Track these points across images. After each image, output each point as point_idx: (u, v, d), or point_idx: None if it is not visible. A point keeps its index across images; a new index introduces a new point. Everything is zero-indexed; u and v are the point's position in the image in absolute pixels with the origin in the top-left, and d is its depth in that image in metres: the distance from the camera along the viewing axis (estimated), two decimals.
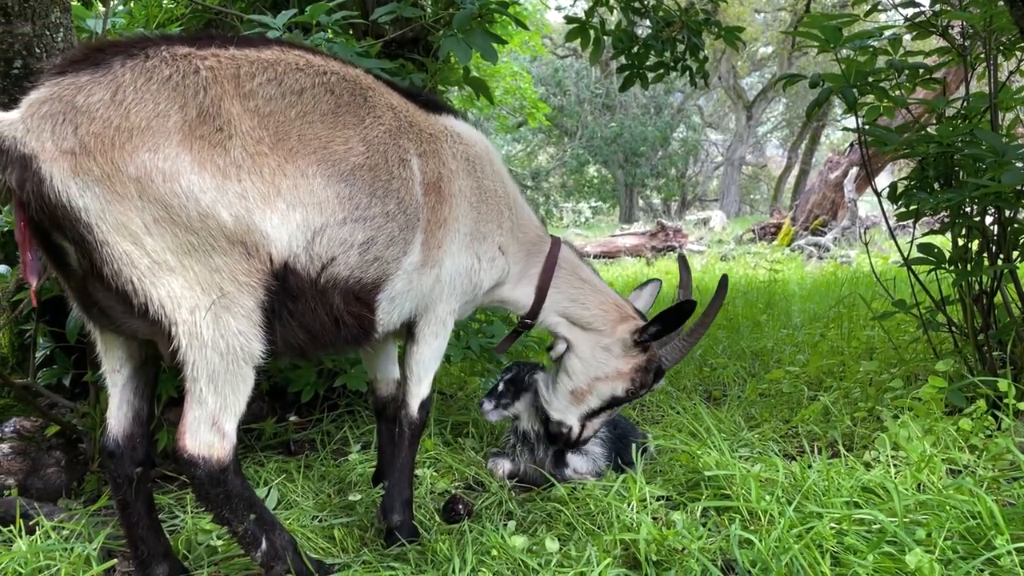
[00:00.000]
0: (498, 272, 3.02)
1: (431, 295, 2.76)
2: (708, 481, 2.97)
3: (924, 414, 3.43)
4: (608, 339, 3.19)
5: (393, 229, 2.46)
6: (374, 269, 2.44)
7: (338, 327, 2.44)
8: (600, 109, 34.89)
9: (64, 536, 2.81)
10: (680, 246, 17.04)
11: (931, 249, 3.81)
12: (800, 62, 29.35)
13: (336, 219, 2.30)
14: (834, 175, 16.84)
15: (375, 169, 2.42)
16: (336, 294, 2.37)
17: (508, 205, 3.02)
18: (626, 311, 3.27)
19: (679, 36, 5.62)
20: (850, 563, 2.25)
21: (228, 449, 2.22)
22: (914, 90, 3.99)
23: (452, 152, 2.78)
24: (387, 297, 2.56)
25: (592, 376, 3.20)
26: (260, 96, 2.20)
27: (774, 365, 5.12)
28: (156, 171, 1.98)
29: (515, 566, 2.51)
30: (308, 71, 2.35)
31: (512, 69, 14.22)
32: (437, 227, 2.67)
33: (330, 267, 2.32)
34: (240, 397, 2.23)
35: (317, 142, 2.29)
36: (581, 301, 3.20)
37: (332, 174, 2.30)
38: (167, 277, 2.05)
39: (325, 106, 2.35)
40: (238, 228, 2.09)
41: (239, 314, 2.15)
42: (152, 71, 2.05)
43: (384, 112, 2.54)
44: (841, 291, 7.95)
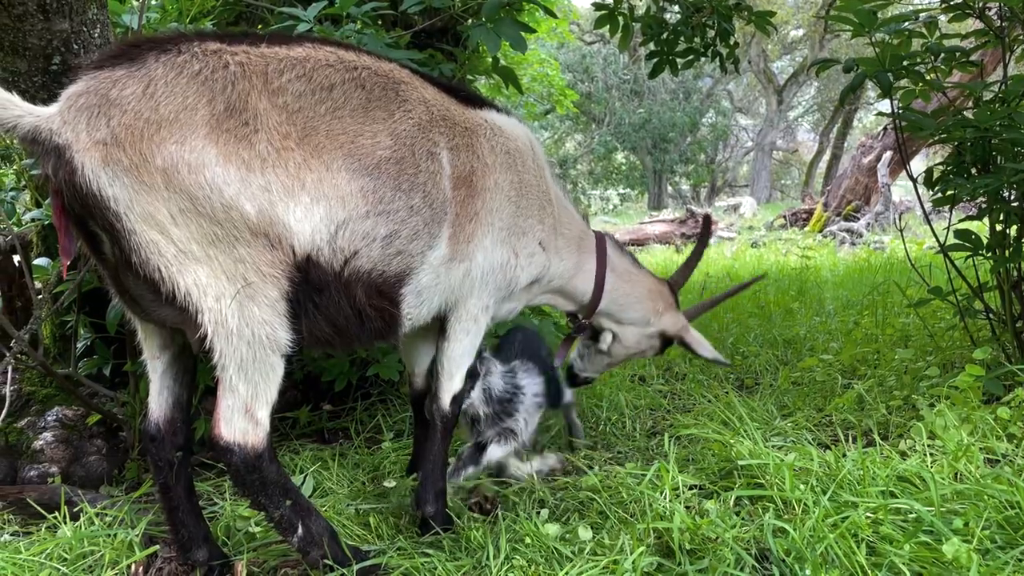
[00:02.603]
0: (537, 268, 3.03)
1: (461, 289, 2.75)
2: (741, 470, 2.97)
3: (961, 402, 3.39)
4: (653, 328, 3.53)
5: (417, 223, 2.47)
6: (397, 262, 2.45)
7: (362, 320, 2.45)
8: (628, 95, 34.63)
9: (107, 523, 2.88)
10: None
11: (968, 235, 3.75)
12: (832, 45, 28.89)
13: (359, 213, 2.32)
14: (867, 159, 16.58)
15: (401, 162, 2.43)
16: (359, 287, 2.39)
17: (550, 200, 3.04)
18: (667, 297, 3.52)
19: (709, 21, 5.55)
20: (886, 552, 2.23)
21: (262, 436, 2.27)
22: (950, 73, 3.92)
23: (490, 146, 2.77)
24: (412, 291, 2.56)
25: (630, 352, 3.61)
26: (289, 92, 2.23)
27: (807, 353, 5.08)
28: (182, 163, 2.03)
29: (548, 554, 2.53)
30: (338, 67, 2.37)
31: (540, 56, 14.18)
32: (467, 221, 2.66)
33: (353, 260, 2.34)
34: (271, 385, 2.27)
35: (344, 137, 2.31)
36: (630, 298, 3.41)
37: (357, 168, 2.32)
38: (193, 266, 2.10)
39: (355, 101, 2.37)
40: (261, 220, 2.13)
41: (263, 303, 2.18)
42: (183, 66, 2.10)
43: (416, 106, 2.55)
44: (875, 278, 7.86)
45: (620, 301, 3.40)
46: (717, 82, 35.35)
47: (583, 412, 4.17)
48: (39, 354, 3.34)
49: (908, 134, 3.95)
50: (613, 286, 3.34)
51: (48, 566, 2.57)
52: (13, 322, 3.59)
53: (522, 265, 2.92)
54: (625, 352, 3.58)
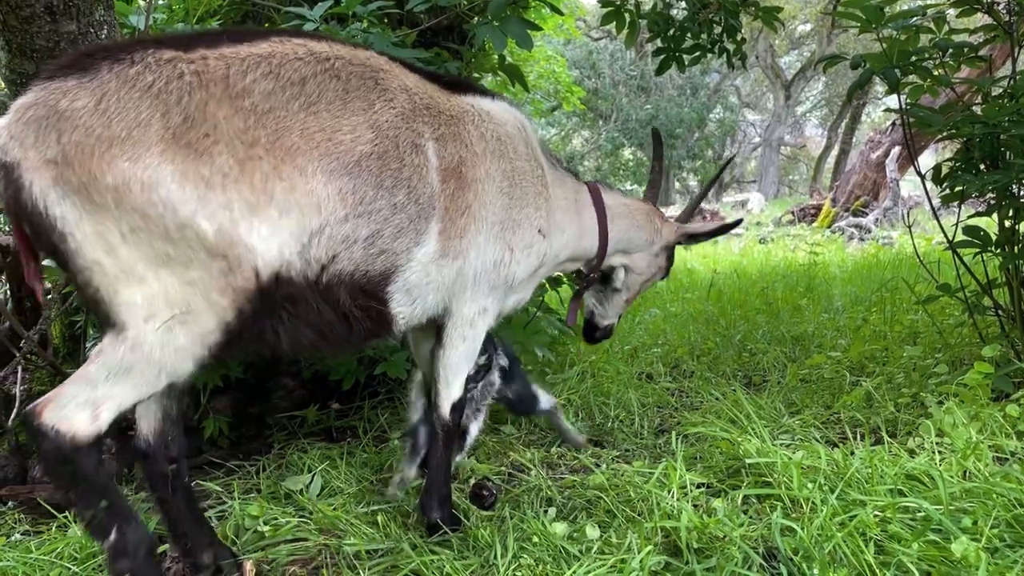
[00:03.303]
0: (537, 258, 2.91)
1: (454, 289, 2.66)
2: (749, 468, 2.96)
3: (970, 400, 3.38)
4: (657, 246, 3.48)
5: (402, 220, 2.36)
6: (381, 261, 2.35)
7: (348, 323, 2.36)
8: (635, 91, 34.52)
9: None
10: None
11: (977, 232, 3.74)
12: (839, 40, 28.76)
13: (337, 217, 2.21)
14: (876, 155, 16.52)
15: (384, 157, 2.32)
16: (342, 290, 2.29)
17: (545, 182, 2.92)
18: (657, 214, 3.50)
19: (716, 18, 5.54)
20: (894, 551, 2.23)
21: (92, 433, 2.05)
22: (959, 68, 3.90)
23: (479, 133, 2.65)
24: (400, 289, 2.46)
25: (644, 280, 3.59)
26: (256, 93, 2.11)
27: (815, 350, 5.06)
28: (134, 181, 1.93)
29: (556, 552, 2.54)
30: (308, 60, 2.24)
31: (546, 53, 14.16)
32: (458, 215, 2.55)
33: (332, 265, 2.24)
34: (134, 398, 2.09)
35: (321, 134, 2.20)
36: (633, 228, 3.36)
37: (335, 168, 2.20)
38: (133, 286, 1.99)
39: (331, 93, 2.25)
40: (220, 240, 2.02)
41: (192, 333, 2.06)
42: (135, 78, 1.99)
43: (397, 95, 2.42)
44: (884, 274, 7.83)
45: (625, 236, 3.34)
46: (724, 78, 35.23)
47: (590, 411, 4.18)
48: (49, 354, 3.36)
49: (916, 130, 3.94)
50: (616, 228, 3.27)
51: (59, 565, 2.59)
52: (23, 322, 3.62)
53: (518, 260, 2.79)
54: (639, 280, 3.55)
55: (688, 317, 6.54)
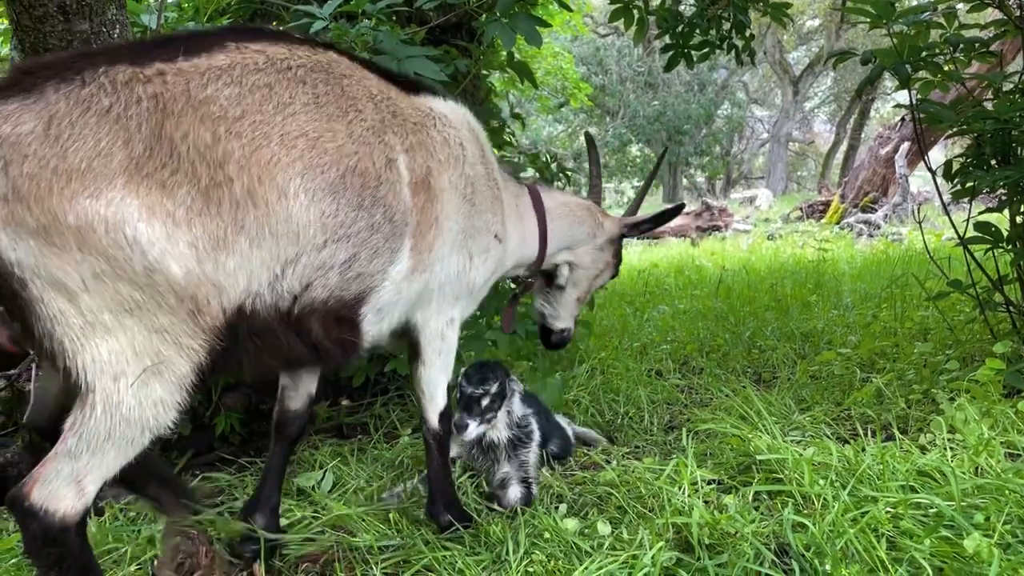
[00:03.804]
0: (494, 264, 2.83)
1: (419, 304, 2.58)
2: (760, 465, 2.96)
3: (981, 396, 3.37)
4: (600, 240, 3.37)
5: (377, 241, 2.23)
6: (356, 285, 2.23)
7: (316, 352, 2.23)
8: (642, 87, 34.45)
9: (130, 518, 2.91)
10: (726, 226, 16.84)
11: (988, 227, 3.73)
12: (848, 35, 28.64)
13: (315, 244, 2.06)
14: (885, 150, 16.45)
15: (364, 175, 2.17)
16: (314, 320, 2.16)
17: (498, 185, 2.82)
18: (598, 209, 3.41)
19: (724, 13, 5.53)
20: (906, 547, 2.23)
21: (79, 508, 1.91)
22: (969, 64, 3.88)
23: (442, 139, 2.53)
24: (372, 309, 2.35)
25: (592, 277, 3.44)
26: (223, 98, 1.95)
27: (824, 347, 5.06)
28: (98, 219, 1.74)
29: (567, 549, 2.54)
30: (269, 69, 2.08)
31: (553, 49, 14.17)
32: (428, 228, 2.43)
33: (305, 294, 2.10)
34: (119, 462, 1.93)
35: (304, 140, 2.04)
36: (575, 224, 3.26)
37: (319, 187, 2.05)
38: (100, 338, 1.80)
39: (303, 98, 2.10)
40: (189, 282, 1.86)
41: (169, 382, 1.90)
42: (90, 101, 1.79)
43: (365, 104, 2.27)
44: (893, 270, 7.80)
45: (567, 234, 3.23)
46: (732, 73, 35.12)
47: (600, 408, 4.18)
48: None
49: (926, 125, 3.92)
50: (555, 229, 3.16)
51: None
52: None
53: (476, 266, 2.70)
54: (586, 276, 3.40)
55: (697, 314, 6.53)
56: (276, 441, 2.80)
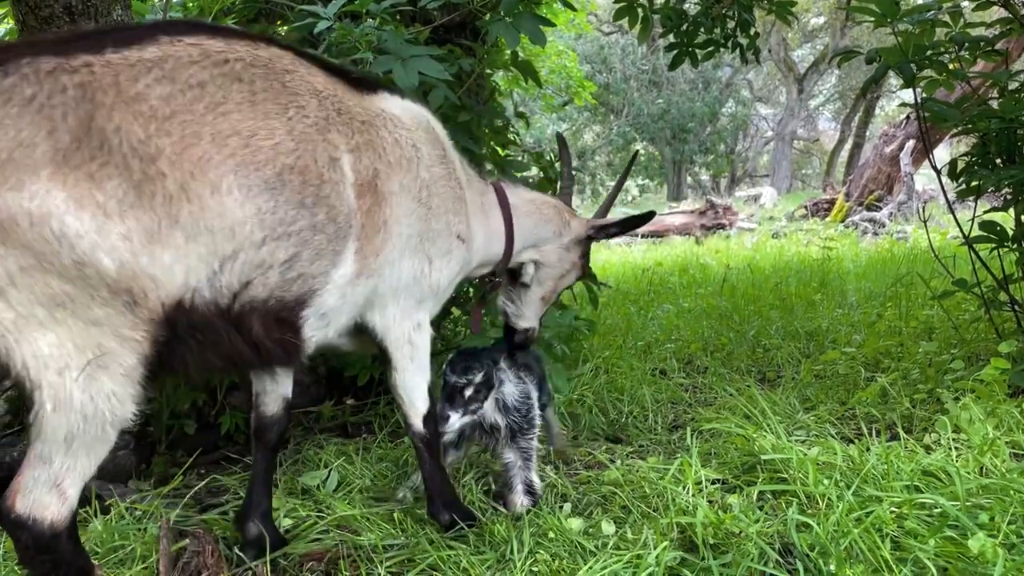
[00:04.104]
0: (458, 265, 2.77)
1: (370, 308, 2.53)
2: (764, 464, 2.96)
3: (986, 396, 3.37)
4: (566, 239, 3.29)
5: (320, 241, 2.17)
6: (297, 286, 2.17)
7: (258, 351, 2.17)
8: (647, 86, 34.41)
9: (136, 517, 2.92)
10: (731, 224, 16.82)
11: (994, 227, 3.72)
12: (853, 32, 28.58)
13: (253, 241, 2.01)
14: (890, 148, 16.42)
15: (305, 172, 2.11)
16: (254, 318, 2.10)
17: (461, 184, 2.76)
18: (565, 208, 3.34)
19: (729, 12, 5.53)
20: (911, 547, 2.23)
21: (66, 513, 1.91)
22: (974, 62, 3.88)
23: (393, 139, 2.45)
24: (315, 314, 2.28)
25: (557, 276, 3.35)
26: (154, 97, 1.89)
27: (829, 346, 5.05)
28: (21, 213, 1.68)
29: (572, 548, 2.54)
30: (204, 63, 2.01)
31: (558, 48, 14.16)
32: (375, 232, 2.36)
33: (245, 292, 2.05)
34: (93, 461, 1.93)
35: (237, 139, 1.98)
36: (541, 222, 3.19)
37: (254, 183, 1.99)
38: (36, 333, 1.76)
39: (238, 96, 2.03)
40: (122, 275, 1.80)
41: (117, 374, 1.86)
42: (11, 91, 1.73)
43: (308, 100, 2.20)
44: (898, 269, 7.79)
45: (532, 232, 3.17)
46: (736, 71, 35.06)
47: (604, 407, 4.18)
48: None
49: (931, 124, 3.92)
50: (521, 227, 3.10)
51: None
52: None
53: (438, 268, 2.65)
54: (552, 275, 3.32)
55: (701, 313, 6.53)
56: (257, 448, 2.79)
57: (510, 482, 2.92)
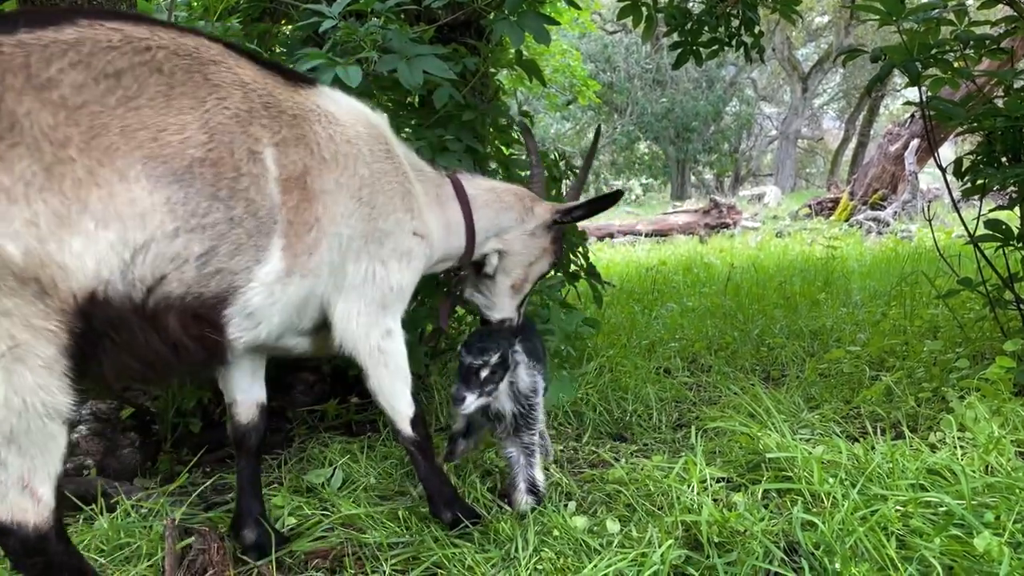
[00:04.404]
0: (420, 263, 2.73)
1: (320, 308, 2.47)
2: (769, 463, 2.97)
3: (992, 394, 3.36)
4: (530, 225, 3.19)
5: (240, 235, 2.11)
6: (216, 282, 2.10)
7: (177, 352, 2.10)
8: (650, 85, 34.40)
9: (142, 514, 2.93)
10: (735, 223, 16.81)
11: (999, 225, 3.72)
12: (857, 31, 28.53)
13: (165, 231, 1.95)
14: (894, 147, 16.39)
15: (218, 164, 2.06)
16: (171, 316, 2.04)
17: (409, 179, 2.69)
18: (527, 194, 3.25)
19: (733, 11, 5.52)
20: (916, 546, 2.23)
21: (46, 515, 1.90)
22: (979, 61, 3.87)
23: (327, 135, 2.39)
24: (239, 312, 2.20)
25: (526, 264, 3.25)
26: (65, 84, 1.83)
27: (834, 345, 5.05)
28: None
29: (577, 546, 2.55)
30: (125, 49, 1.95)
31: (562, 47, 14.16)
32: (305, 230, 2.28)
33: (160, 287, 1.99)
34: (52, 457, 1.89)
35: (145, 133, 1.93)
36: (502, 210, 3.12)
37: (163, 174, 1.94)
38: None
39: (153, 88, 1.98)
40: (30, 263, 1.74)
41: (37, 365, 1.80)
42: None
43: (231, 92, 2.15)
44: (903, 268, 7.78)
45: (492, 220, 3.10)
46: (740, 70, 35.04)
47: (609, 405, 4.18)
48: None
49: (936, 122, 3.91)
50: (482, 217, 3.05)
51: (86, 557, 2.62)
52: None
53: (398, 269, 2.60)
54: (518, 263, 3.23)
55: (705, 311, 6.53)
56: (238, 456, 2.79)
57: (513, 480, 2.91)
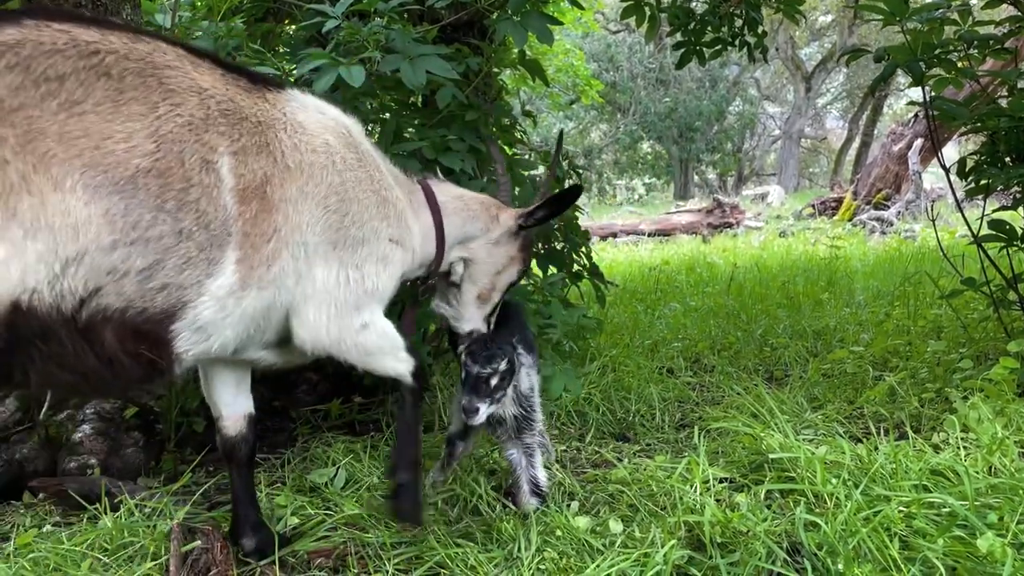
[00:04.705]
0: (400, 266, 2.65)
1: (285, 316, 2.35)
2: (772, 463, 2.96)
3: (995, 395, 3.36)
4: (495, 233, 3.08)
5: (189, 249, 2.02)
6: (164, 298, 2.01)
7: (111, 367, 2.00)
8: (654, 84, 34.37)
9: (146, 514, 2.93)
10: (738, 223, 16.79)
11: (1003, 226, 3.71)
12: (861, 30, 28.48)
13: (102, 244, 1.87)
14: (898, 147, 16.36)
15: (166, 175, 1.97)
16: (108, 330, 1.94)
17: (388, 186, 2.62)
18: (493, 202, 3.15)
19: (737, 10, 5.52)
20: (920, 547, 2.23)
21: None
22: (983, 60, 3.86)
23: (292, 144, 2.29)
24: (189, 327, 2.10)
25: (492, 273, 3.12)
26: (2, 86, 1.78)
27: (837, 345, 5.04)
28: None
29: (579, 546, 2.55)
30: (70, 52, 1.88)
31: (564, 46, 14.15)
32: (264, 241, 2.18)
33: (94, 299, 1.90)
34: None
35: (87, 140, 1.85)
36: (469, 219, 3.02)
37: (102, 184, 1.86)
38: None
39: (101, 94, 1.91)
40: None
41: None
42: None
43: (186, 98, 2.06)
44: (906, 268, 7.77)
45: (459, 228, 3.00)
46: (744, 70, 34.99)
47: (612, 405, 4.18)
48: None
49: (940, 122, 3.91)
50: (451, 224, 2.94)
51: (90, 556, 2.63)
52: None
53: (376, 274, 2.50)
54: (484, 272, 3.11)
55: (708, 311, 6.53)
56: (229, 467, 2.76)
57: (516, 481, 2.90)
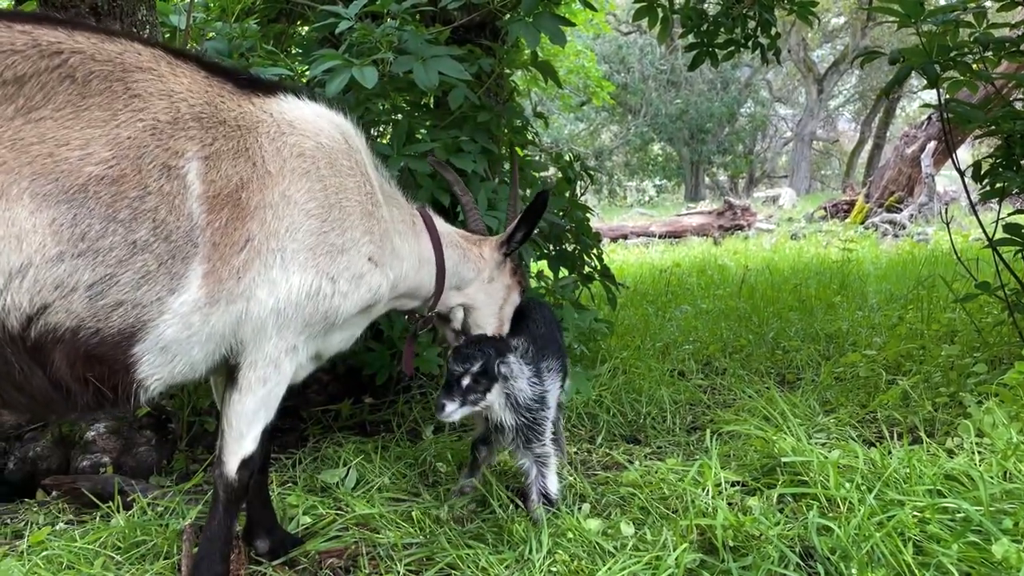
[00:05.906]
0: (367, 293, 2.40)
1: (242, 335, 2.16)
2: (784, 467, 2.95)
3: (1010, 400, 3.33)
4: (486, 272, 2.98)
5: (147, 263, 1.90)
6: (119, 316, 1.89)
7: (64, 392, 1.91)
8: (665, 86, 34.33)
9: (158, 512, 2.95)
10: (749, 225, 16.74)
11: (1018, 229, 3.69)
12: (874, 32, 28.36)
13: (46, 256, 1.78)
14: (910, 150, 16.27)
15: (119, 182, 1.87)
16: (57, 352, 1.85)
17: (377, 201, 2.45)
18: (474, 238, 3.03)
19: (750, 12, 5.50)
20: (934, 552, 2.21)
21: None
22: (998, 63, 3.84)
23: (275, 148, 2.17)
24: (152, 349, 1.98)
25: (497, 310, 3.05)
26: None
27: (849, 348, 5.02)
28: None
29: (590, 548, 2.54)
30: (31, 53, 1.81)
31: (576, 48, 14.15)
32: (234, 251, 2.06)
33: (43, 317, 1.81)
34: None
35: (41, 147, 1.79)
36: (462, 261, 2.89)
37: (51, 193, 1.78)
38: None
39: (62, 98, 1.84)
40: None
41: None
42: None
43: (152, 103, 1.96)
44: (919, 271, 7.72)
45: (456, 265, 2.86)
46: (756, 71, 34.88)
47: (623, 408, 4.17)
48: None
49: (954, 124, 3.89)
50: (449, 257, 2.80)
51: (102, 554, 2.65)
52: None
53: (343, 292, 2.30)
54: (489, 313, 3.03)
55: (720, 314, 6.51)
56: None
57: (527, 490, 2.89)
